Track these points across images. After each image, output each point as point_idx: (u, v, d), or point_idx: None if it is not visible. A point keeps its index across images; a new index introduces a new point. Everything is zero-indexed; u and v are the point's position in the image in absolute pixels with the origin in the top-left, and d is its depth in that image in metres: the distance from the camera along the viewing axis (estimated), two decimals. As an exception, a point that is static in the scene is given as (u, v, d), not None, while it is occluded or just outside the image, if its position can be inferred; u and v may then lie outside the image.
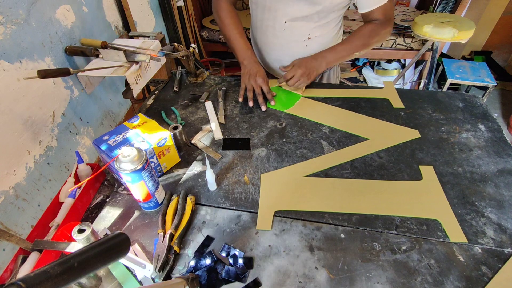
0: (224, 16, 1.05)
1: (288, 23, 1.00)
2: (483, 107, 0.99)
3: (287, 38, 1.04)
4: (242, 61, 1.04)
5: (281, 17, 1.00)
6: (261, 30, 1.09)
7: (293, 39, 1.04)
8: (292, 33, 1.03)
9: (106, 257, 0.40)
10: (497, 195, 0.73)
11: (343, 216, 0.69)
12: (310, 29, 1.02)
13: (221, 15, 1.06)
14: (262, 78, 0.99)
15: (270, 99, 1.01)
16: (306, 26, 1.01)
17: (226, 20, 1.05)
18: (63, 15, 1.04)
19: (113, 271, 0.59)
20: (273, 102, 1.01)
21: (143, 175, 0.63)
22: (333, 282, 0.58)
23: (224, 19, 1.05)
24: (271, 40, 1.08)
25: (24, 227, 0.91)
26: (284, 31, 1.03)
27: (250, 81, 1.00)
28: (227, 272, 0.60)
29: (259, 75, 0.99)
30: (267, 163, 0.83)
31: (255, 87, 0.99)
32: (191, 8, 2.33)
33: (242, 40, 1.04)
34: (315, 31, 1.03)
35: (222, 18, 1.06)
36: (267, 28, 1.06)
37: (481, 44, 2.83)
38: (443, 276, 0.58)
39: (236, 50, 1.05)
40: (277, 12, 0.99)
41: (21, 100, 0.89)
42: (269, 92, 1.00)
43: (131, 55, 1.02)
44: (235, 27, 1.04)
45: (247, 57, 1.03)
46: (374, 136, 0.89)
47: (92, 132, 1.22)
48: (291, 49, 1.08)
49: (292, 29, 1.02)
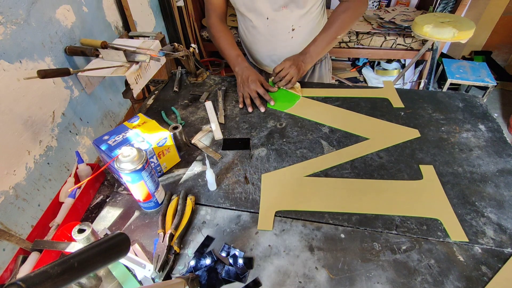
0: (214, 31, 1.11)
1: (269, 18, 1.03)
2: (483, 107, 0.99)
3: (272, 33, 1.07)
4: (234, 69, 1.07)
5: (261, 15, 1.03)
6: (247, 31, 1.13)
7: (278, 32, 1.07)
8: (275, 27, 1.06)
9: (106, 257, 0.40)
10: (497, 195, 0.73)
11: (343, 216, 0.69)
12: (292, 21, 1.04)
13: (212, 31, 1.12)
14: (255, 82, 1.01)
15: (269, 99, 1.01)
16: (288, 18, 1.03)
17: (217, 34, 1.11)
18: (63, 15, 1.04)
19: (113, 271, 0.59)
20: (272, 102, 1.02)
21: (143, 175, 0.63)
22: (333, 282, 0.58)
23: (214, 33, 1.11)
24: (257, 38, 1.12)
25: (24, 227, 0.91)
26: (267, 27, 1.06)
27: (245, 88, 1.02)
28: (227, 272, 0.60)
29: (251, 80, 1.01)
30: (267, 163, 0.83)
31: (250, 92, 1.01)
32: (191, 8, 2.33)
33: (231, 48, 1.08)
34: (298, 22, 1.05)
35: (213, 33, 1.12)
36: (252, 28, 1.09)
37: (481, 44, 2.83)
38: (443, 276, 0.58)
39: (228, 59, 1.10)
40: (256, 10, 1.02)
41: (21, 100, 0.89)
42: (265, 94, 1.01)
43: (131, 55, 1.02)
44: (224, 38, 1.09)
45: (237, 64, 1.06)
46: (374, 136, 0.89)
47: (92, 132, 1.22)
48: (278, 43, 1.11)
49: (275, 23, 1.05)
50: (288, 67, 0.99)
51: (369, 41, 2.46)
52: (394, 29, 2.41)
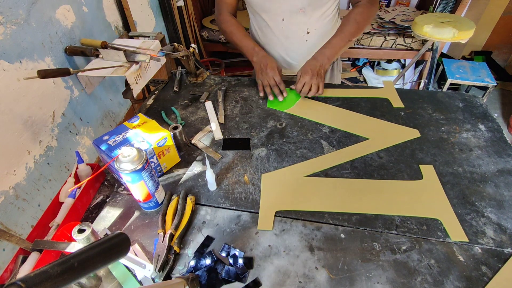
0: (226, 27, 1.11)
1: (285, 20, 1.02)
2: (483, 107, 0.99)
3: (286, 34, 1.07)
4: (252, 59, 1.06)
5: (277, 16, 1.02)
6: (260, 31, 1.12)
7: (293, 35, 1.07)
8: (290, 29, 1.05)
9: (106, 257, 0.40)
10: (497, 195, 0.73)
11: (343, 216, 0.69)
12: (307, 24, 1.04)
13: (223, 26, 1.12)
14: (273, 69, 1.01)
15: (282, 89, 1.01)
16: (303, 20, 1.03)
17: (228, 29, 1.10)
18: (63, 15, 1.04)
19: (113, 271, 0.59)
20: (285, 93, 1.02)
21: (143, 175, 0.63)
22: (333, 282, 0.58)
23: (226, 28, 1.11)
24: (270, 39, 1.11)
25: (24, 227, 0.91)
26: (282, 28, 1.05)
27: (263, 75, 1.02)
28: (227, 272, 0.60)
29: (270, 67, 1.01)
30: (267, 163, 0.83)
31: (269, 80, 1.01)
32: (191, 8, 2.33)
33: (246, 40, 1.08)
34: (313, 25, 1.04)
35: (225, 28, 1.12)
36: (266, 28, 1.08)
37: (481, 44, 2.83)
38: (443, 276, 0.58)
39: (244, 51, 1.09)
40: (272, 11, 1.02)
41: (21, 100, 0.89)
42: (281, 83, 1.01)
43: (131, 55, 1.02)
44: (237, 31, 1.09)
45: (255, 53, 1.05)
46: (374, 136, 0.89)
47: (92, 132, 1.22)
48: (292, 45, 1.10)
49: (289, 25, 1.04)
50: (309, 80, 0.97)
51: (369, 41, 2.46)
52: (394, 29, 2.41)
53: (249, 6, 1.07)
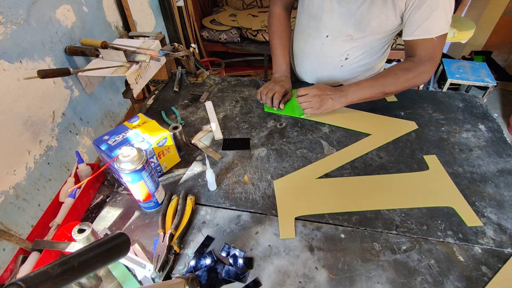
0: (272, 23, 1.06)
1: (329, 37, 0.95)
2: (483, 107, 0.99)
3: (324, 52, 1.00)
4: (274, 74, 1.05)
5: (323, 29, 0.95)
6: (302, 36, 1.04)
7: (330, 54, 1.00)
8: (330, 48, 0.98)
9: (106, 257, 0.40)
10: (497, 195, 0.73)
11: (343, 216, 0.69)
12: (349, 49, 0.96)
13: (270, 20, 1.07)
14: (281, 89, 0.98)
15: (275, 104, 0.97)
16: (347, 45, 0.95)
17: (273, 28, 1.05)
18: (63, 15, 1.04)
19: (113, 271, 0.59)
20: (281, 106, 0.99)
21: (143, 175, 0.63)
22: (333, 282, 0.58)
23: (271, 25, 1.06)
24: (308, 49, 1.04)
25: (24, 227, 0.91)
26: (323, 44, 0.98)
27: (270, 85, 1.00)
28: (227, 272, 0.60)
29: (281, 85, 0.99)
30: (267, 163, 0.83)
31: (270, 91, 0.98)
32: (191, 8, 2.33)
33: (281, 52, 1.04)
34: (355, 52, 0.97)
35: (270, 24, 1.07)
36: (308, 36, 1.01)
37: (481, 44, 2.83)
38: (443, 276, 0.58)
39: (274, 59, 1.06)
40: (320, 23, 0.94)
41: (21, 100, 0.89)
42: (277, 98, 0.97)
43: (131, 55, 1.02)
44: (278, 36, 1.04)
45: (280, 71, 1.04)
46: (373, 131, 0.90)
47: (92, 132, 1.22)
48: (325, 64, 1.04)
49: (331, 44, 0.97)
50: (311, 96, 0.90)
51: (369, 41, 2.46)
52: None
53: (301, 6, 1.00)
